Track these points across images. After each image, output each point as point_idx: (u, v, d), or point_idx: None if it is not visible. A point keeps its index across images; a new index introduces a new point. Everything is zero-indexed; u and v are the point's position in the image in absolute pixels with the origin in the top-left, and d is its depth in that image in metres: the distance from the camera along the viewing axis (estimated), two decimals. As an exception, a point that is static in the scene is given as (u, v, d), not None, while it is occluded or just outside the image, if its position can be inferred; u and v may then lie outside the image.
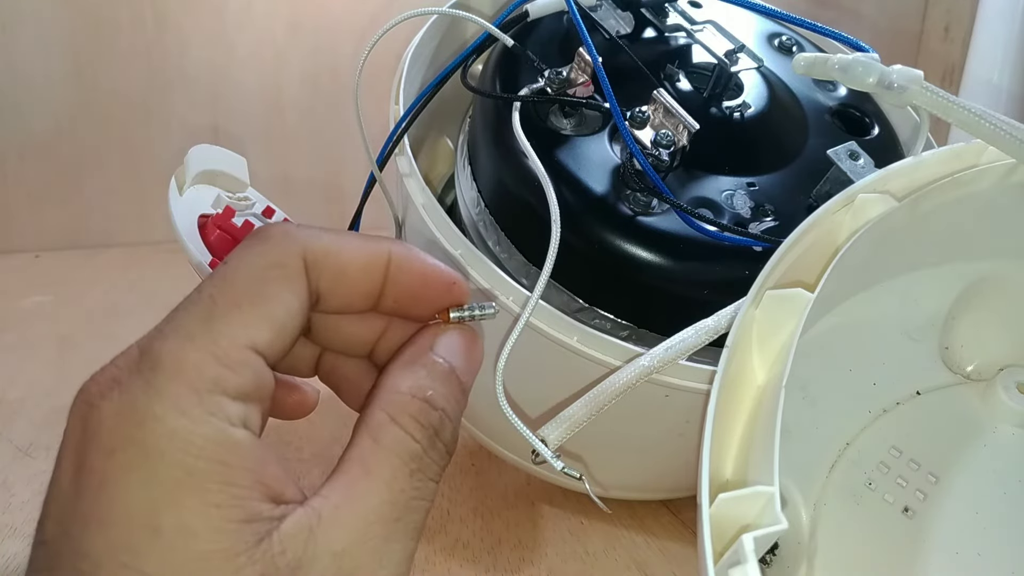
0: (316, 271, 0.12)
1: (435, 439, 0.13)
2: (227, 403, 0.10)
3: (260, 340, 0.11)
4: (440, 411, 0.13)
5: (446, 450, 0.13)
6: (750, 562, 0.15)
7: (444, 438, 0.13)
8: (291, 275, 0.12)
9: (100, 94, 0.46)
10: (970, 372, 0.24)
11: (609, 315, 0.24)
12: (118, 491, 0.09)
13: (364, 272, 0.13)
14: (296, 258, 0.12)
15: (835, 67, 0.22)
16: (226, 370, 0.10)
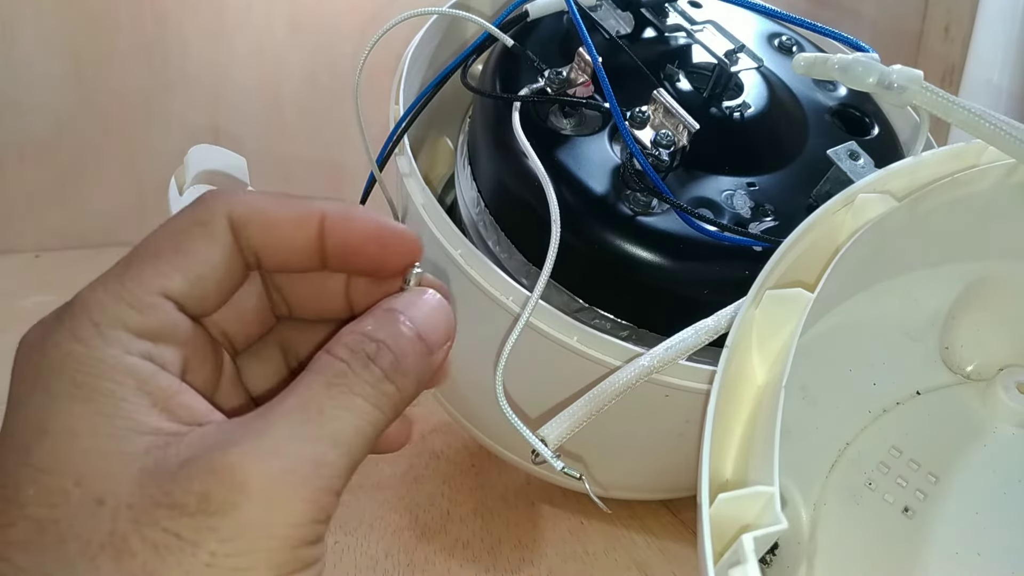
0: (243, 228, 0.13)
1: (368, 363, 0.13)
2: (128, 337, 0.12)
3: (172, 287, 0.12)
4: (378, 342, 0.13)
5: (385, 376, 0.13)
6: (750, 562, 0.15)
7: (383, 364, 0.13)
8: (213, 231, 0.13)
9: (100, 94, 0.46)
10: (970, 372, 0.24)
11: (609, 315, 0.24)
12: (20, 408, 0.11)
13: (295, 227, 0.13)
14: (219, 216, 0.13)
15: (835, 67, 0.22)
16: (131, 310, 0.12)
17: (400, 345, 0.13)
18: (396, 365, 0.13)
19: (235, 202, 0.13)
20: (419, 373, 0.13)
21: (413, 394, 0.13)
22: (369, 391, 0.12)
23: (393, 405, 0.13)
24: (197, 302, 0.13)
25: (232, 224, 0.13)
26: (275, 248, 0.13)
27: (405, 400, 0.13)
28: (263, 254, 0.13)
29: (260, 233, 0.13)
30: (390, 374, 0.13)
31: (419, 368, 0.13)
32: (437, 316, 0.14)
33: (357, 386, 0.12)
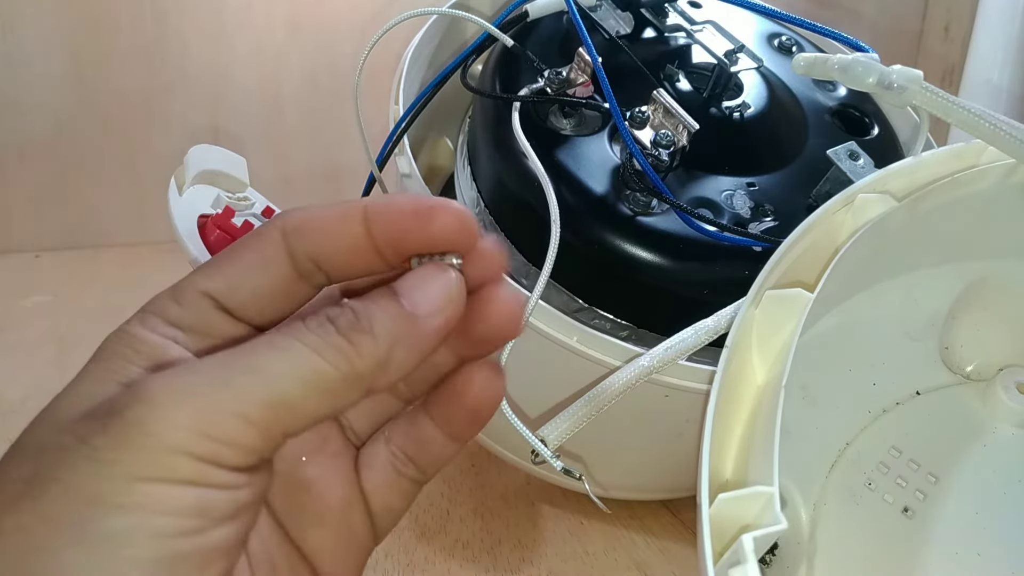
0: (297, 236, 0.13)
1: (324, 320, 0.12)
2: (160, 322, 0.13)
3: (212, 287, 0.13)
4: (350, 308, 0.13)
5: (337, 330, 0.12)
6: (750, 562, 0.15)
7: (339, 321, 0.13)
8: (263, 240, 0.14)
9: (100, 94, 0.46)
10: (970, 372, 0.24)
11: (609, 315, 0.24)
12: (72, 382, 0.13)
13: (340, 223, 0.13)
14: (273, 227, 0.14)
15: (835, 67, 0.22)
16: (172, 302, 0.13)
17: (367, 306, 0.13)
18: (354, 323, 0.13)
19: (289, 214, 0.14)
20: (392, 333, 0.13)
21: (383, 355, 0.13)
22: (312, 339, 0.12)
23: (346, 359, 0.12)
24: (237, 304, 0.13)
25: (285, 234, 0.13)
26: (329, 250, 0.13)
27: (369, 360, 0.13)
28: (321, 260, 0.13)
29: (313, 239, 0.13)
30: (345, 329, 0.13)
31: (392, 328, 0.13)
32: (428, 280, 0.13)
33: (302, 335, 0.12)
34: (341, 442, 0.16)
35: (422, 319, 0.13)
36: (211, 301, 0.13)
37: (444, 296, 0.13)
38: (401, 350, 0.13)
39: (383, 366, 0.13)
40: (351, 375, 0.12)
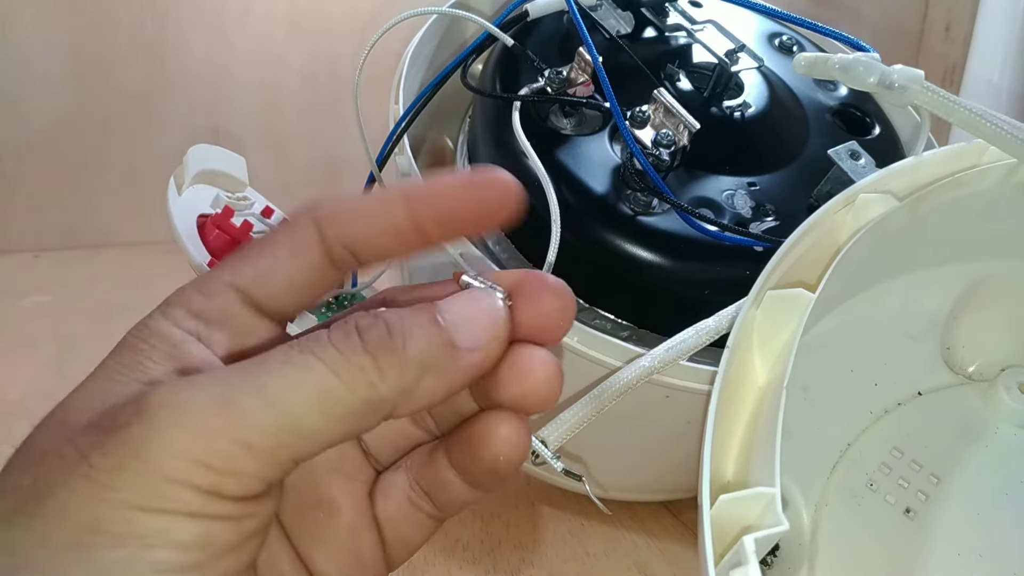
0: (331, 225, 0.13)
1: (351, 332, 0.11)
2: (182, 314, 0.12)
3: (239, 279, 0.13)
4: (378, 316, 0.12)
5: (363, 348, 0.11)
6: (751, 563, 0.15)
7: (368, 335, 0.11)
8: (294, 231, 0.13)
9: (99, 94, 0.46)
10: (971, 372, 0.24)
11: (609, 315, 0.24)
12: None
13: (381, 209, 0.13)
14: (303, 217, 0.13)
15: (836, 67, 0.22)
16: (197, 294, 0.13)
17: (403, 322, 0.12)
18: (385, 340, 0.11)
19: (322, 203, 0.13)
20: (425, 359, 0.12)
21: (410, 382, 0.11)
22: (332, 355, 0.11)
23: (368, 383, 0.11)
24: (267, 295, 0.13)
25: (318, 223, 0.13)
26: (367, 234, 0.13)
27: (394, 386, 0.11)
28: (357, 245, 0.13)
29: (349, 225, 0.13)
30: (371, 346, 0.11)
31: (426, 353, 0.12)
32: (477, 307, 0.12)
33: (321, 349, 0.11)
34: (359, 463, 0.15)
35: (462, 350, 0.12)
36: (237, 294, 0.13)
37: (491, 329, 0.12)
38: (431, 380, 0.12)
39: (407, 394, 0.12)
40: (372, 400, 0.11)
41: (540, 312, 0.13)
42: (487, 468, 0.13)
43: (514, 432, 0.13)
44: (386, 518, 0.15)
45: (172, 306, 0.13)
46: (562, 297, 0.13)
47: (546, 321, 0.13)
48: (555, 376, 0.13)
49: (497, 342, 0.12)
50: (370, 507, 0.15)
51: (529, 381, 0.13)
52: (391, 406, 0.12)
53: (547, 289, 0.13)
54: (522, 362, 0.13)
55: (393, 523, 0.15)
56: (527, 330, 0.13)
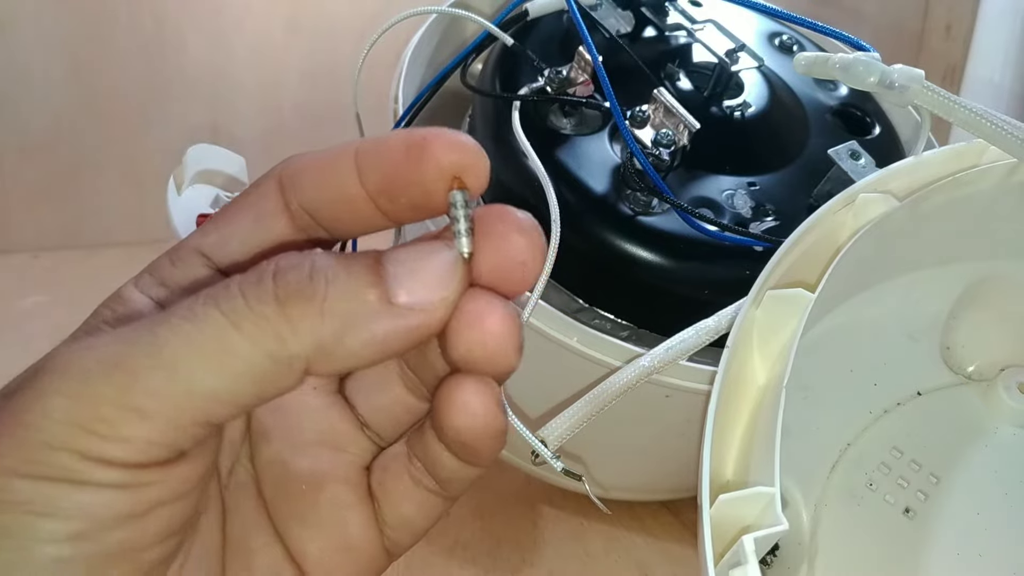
0: (292, 185, 0.12)
1: (264, 277, 0.10)
2: (151, 283, 0.12)
3: (204, 243, 0.12)
4: (311, 262, 0.10)
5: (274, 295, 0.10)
6: (751, 563, 0.15)
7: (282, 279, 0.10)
8: (258, 192, 0.12)
9: (98, 93, 0.46)
10: (971, 372, 0.24)
11: (609, 315, 0.24)
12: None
13: (332, 166, 0.11)
14: (269, 178, 0.12)
15: (836, 66, 0.22)
16: (167, 261, 0.12)
17: (332, 266, 0.10)
18: (302, 286, 0.10)
19: (290, 160, 0.12)
20: (350, 312, 0.10)
21: (327, 339, 0.10)
22: (236, 305, 0.10)
23: (275, 336, 0.10)
24: (229, 261, 0.12)
25: (282, 183, 0.12)
26: (322, 198, 0.11)
27: (307, 341, 0.10)
28: (315, 212, 0.11)
29: (308, 187, 0.11)
30: (284, 292, 0.10)
31: (352, 305, 0.10)
32: (423, 259, 0.10)
33: (225, 298, 0.10)
34: (351, 435, 0.13)
35: (399, 307, 0.10)
36: (202, 258, 0.12)
37: (438, 287, 0.10)
38: (357, 338, 0.10)
39: (326, 352, 0.10)
40: (280, 357, 0.10)
41: (500, 255, 0.11)
42: (457, 441, 0.12)
43: (474, 397, 0.11)
44: (384, 495, 0.13)
45: (145, 273, 0.12)
46: (527, 235, 0.11)
47: (507, 265, 0.11)
48: (510, 329, 0.11)
49: (444, 304, 0.10)
50: (364, 483, 0.13)
51: (477, 333, 0.11)
52: (304, 363, 0.10)
53: (509, 225, 0.11)
54: (472, 311, 0.11)
55: (392, 500, 0.13)
56: (486, 276, 0.11)
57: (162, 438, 0.10)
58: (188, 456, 0.10)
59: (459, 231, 0.11)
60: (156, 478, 0.10)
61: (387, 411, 0.13)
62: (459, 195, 0.11)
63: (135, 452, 0.10)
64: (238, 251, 0.12)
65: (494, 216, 0.11)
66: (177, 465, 0.10)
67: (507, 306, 0.11)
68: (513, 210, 0.11)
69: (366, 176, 0.11)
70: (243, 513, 0.13)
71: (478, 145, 0.11)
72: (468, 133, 0.19)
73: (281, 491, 0.13)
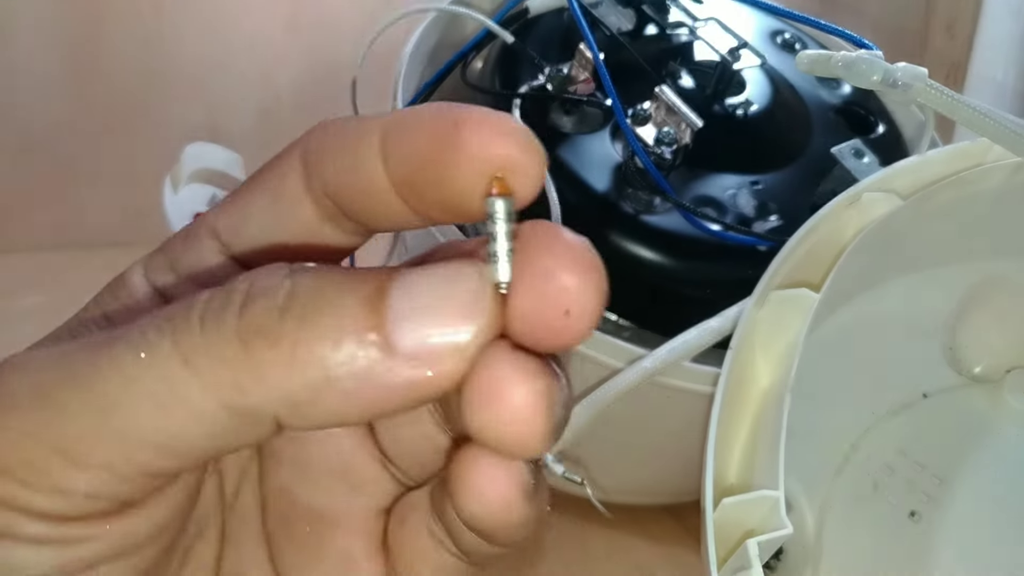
0: (316, 162, 0.09)
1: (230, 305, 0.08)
2: (160, 265, 0.11)
3: (220, 224, 0.10)
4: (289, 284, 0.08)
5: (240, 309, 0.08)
6: (754, 567, 0.15)
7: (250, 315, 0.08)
8: (282, 167, 0.10)
9: (96, 92, 0.46)
10: (977, 374, 0.24)
11: (610, 315, 0.24)
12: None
13: (356, 143, 0.09)
14: (292, 151, 0.10)
15: (839, 65, 0.21)
16: (179, 241, 0.11)
17: (317, 292, 0.08)
18: (271, 320, 0.07)
19: (313, 134, 0.10)
20: (328, 362, 0.07)
21: (301, 391, 0.08)
22: (191, 336, 0.08)
23: (231, 381, 0.08)
24: (244, 247, 0.10)
25: (304, 160, 0.09)
26: (344, 185, 0.09)
27: (274, 390, 0.08)
28: (337, 196, 0.09)
29: (329, 169, 0.09)
30: (247, 326, 0.07)
31: (333, 354, 0.07)
32: (440, 291, 0.08)
33: (182, 325, 0.08)
34: (370, 471, 0.11)
35: (400, 358, 0.07)
36: (216, 241, 0.10)
37: (455, 333, 0.08)
38: (336, 397, 0.08)
39: (297, 409, 0.08)
40: (239, 409, 0.08)
41: (538, 298, 0.08)
42: (472, 526, 0.09)
43: (490, 485, 0.09)
44: (400, 550, 0.11)
45: (158, 253, 0.10)
46: (580, 273, 0.08)
47: (546, 314, 0.08)
48: (538, 410, 0.08)
49: (463, 356, 0.08)
50: (379, 531, 0.11)
51: (493, 412, 0.08)
52: (272, 418, 0.08)
53: (558, 257, 0.08)
54: (488, 380, 0.08)
55: (407, 559, 0.11)
56: (516, 323, 0.08)
57: (99, 491, 0.08)
58: (140, 506, 0.08)
59: (495, 253, 0.08)
60: (95, 532, 0.08)
61: (413, 447, 0.11)
62: (500, 204, 0.08)
63: (67, 506, 0.08)
64: (255, 236, 0.10)
65: (538, 241, 0.08)
66: (123, 517, 0.08)
67: (539, 374, 0.08)
68: (564, 233, 0.08)
69: (391, 164, 0.09)
70: (242, 544, 0.11)
71: (530, 133, 0.08)
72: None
73: (285, 528, 0.11)
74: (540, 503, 0.09)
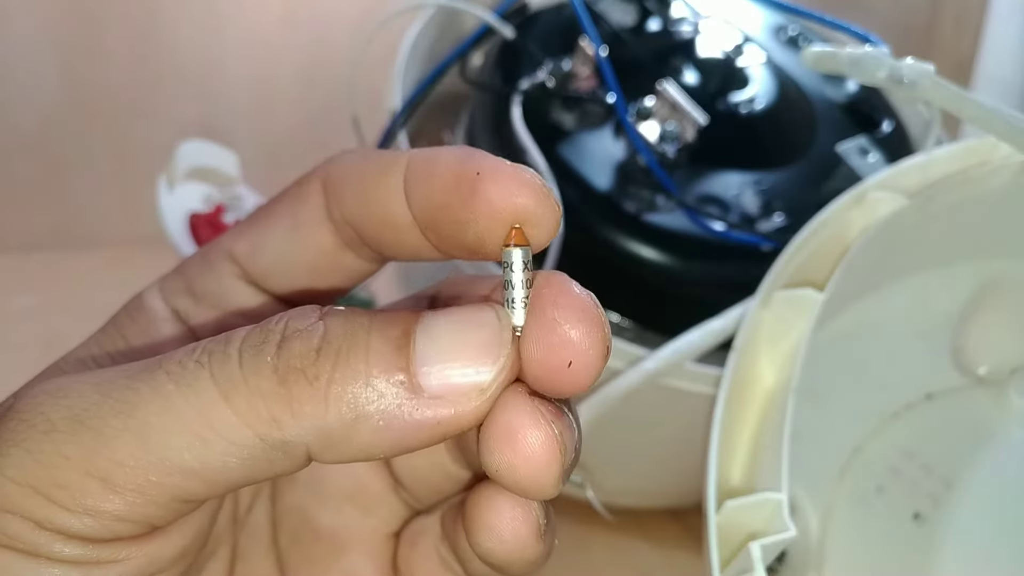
0: (336, 191, 0.10)
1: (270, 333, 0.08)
2: (176, 288, 0.11)
3: (236, 249, 0.11)
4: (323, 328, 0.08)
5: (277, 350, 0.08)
6: (757, 570, 0.15)
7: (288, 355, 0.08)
8: (299, 194, 0.10)
9: (87, 88, 0.45)
10: (982, 375, 0.23)
11: (613, 315, 0.23)
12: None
13: (378, 178, 0.09)
14: (313, 179, 0.10)
15: (845, 61, 0.21)
16: (197, 263, 0.11)
17: (350, 334, 0.08)
18: (307, 360, 0.08)
19: (334, 162, 0.10)
20: (361, 403, 0.08)
21: (335, 426, 0.08)
22: (230, 371, 0.08)
23: (267, 415, 0.08)
24: (260, 271, 0.10)
25: (326, 187, 0.10)
26: (366, 215, 0.10)
27: (308, 426, 0.08)
28: (359, 225, 0.10)
29: (351, 199, 0.10)
30: (286, 365, 0.08)
31: (365, 395, 0.08)
32: (465, 335, 0.08)
33: (220, 361, 0.08)
34: (381, 495, 0.11)
35: (426, 399, 0.08)
36: (234, 265, 0.11)
37: (478, 374, 0.08)
38: (367, 432, 0.08)
39: (330, 441, 0.08)
40: (274, 442, 0.08)
41: (543, 349, 0.08)
42: (485, 560, 0.10)
43: (506, 524, 0.09)
44: (409, 573, 0.11)
45: (174, 275, 0.11)
46: (585, 327, 0.08)
47: (551, 363, 0.08)
48: (549, 455, 0.08)
49: (482, 396, 0.08)
50: (389, 555, 0.11)
51: (507, 455, 0.08)
52: (304, 450, 0.08)
53: (565, 310, 0.08)
54: (502, 425, 0.08)
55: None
56: (527, 367, 0.09)
57: (131, 514, 0.08)
58: (165, 531, 0.09)
59: (511, 300, 0.08)
60: (123, 555, 0.09)
61: (425, 473, 0.11)
62: (517, 254, 0.08)
63: (98, 528, 0.08)
64: (273, 262, 0.10)
65: (547, 293, 0.08)
66: (150, 541, 0.09)
67: (554, 418, 0.08)
68: (572, 288, 0.08)
69: (414, 201, 0.09)
70: (253, 561, 0.11)
71: (546, 186, 0.09)
72: (468, 128, 0.18)
73: (296, 547, 0.11)
74: (551, 539, 0.10)
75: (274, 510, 0.12)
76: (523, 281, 0.09)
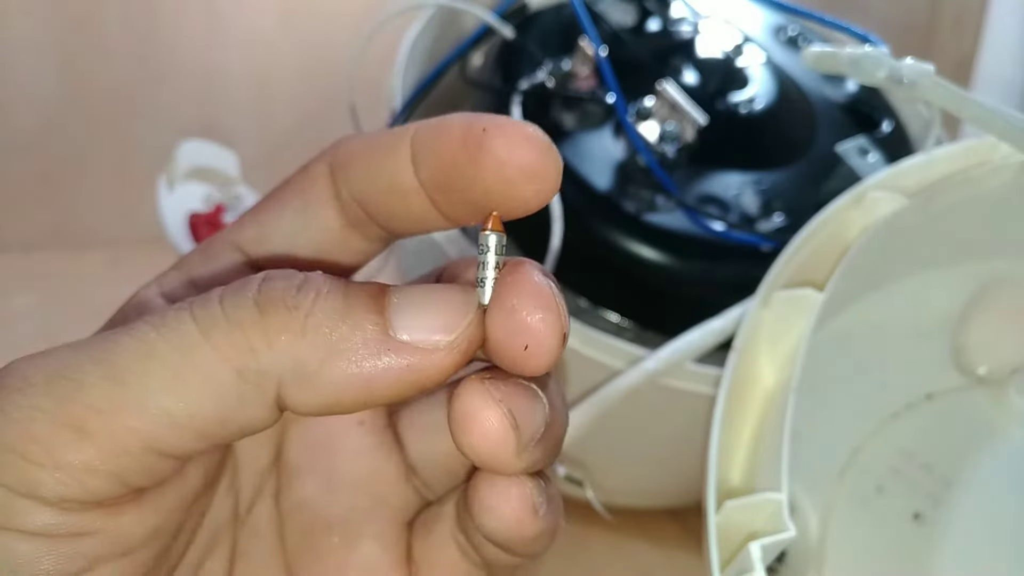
0: (343, 171, 0.10)
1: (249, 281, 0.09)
2: (178, 282, 0.11)
3: (241, 237, 0.11)
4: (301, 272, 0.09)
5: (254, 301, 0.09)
6: (757, 571, 0.15)
7: (268, 290, 0.09)
8: (305, 178, 0.10)
9: (87, 88, 0.45)
10: (982, 374, 0.23)
11: (612, 315, 0.23)
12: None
13: (386, 154, 0.09)
14: (319, 163, 0.10)
15: (845, 61, 0.21)
16: (199, 256, 0.11)
17: (328, 281, 0.09)
18: (286, 294, 0.08)
19: (343, 142, 0.10)
20: (339, 335, 0.08)
21: (309, 358, 0.08)
22: (210, 312, 0.08)
23: (245, 344, 0.08)
24: (269, 257, 0.10)
25: (332, 168, 0.10)
26: (373, 189, 0.10)
27: (283, 354, 0.08)
28: (366, 201, 0.10)
29: (358, 174, 0.10)
30: (265, 298, 0.08)
31: (342, 327, 0.08)
32: (433, 294, 0.09)
33: (202, 305, 0.08)
34: (396, 484, 0.11)
35: (395, 341, 0.08)
36: (240, 254, 0.11)
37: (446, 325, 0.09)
38: (337, 368, 0.08)
39: (303, 376, 0.08)
40: (248, 372, 0.08)
41: (503, 333, 0.09)
42: (489, 539, 0.10)
43: (503, 502, 0.09)
44: (426, 562, 0.11)
45: (174, 270, 0.11)
46: (542, 314, 0.09)
47: (509, 346, 0.09)
48: (503, 436, 0.09)
49: (449, 348, 0.09)
50: (404, 544, 0.11)
51: (467, 438, 0.09)
52: (275, 386, 0.08)
53: (524, 298, 0.09)
54: (458, 412, 0.09)
55: (432, 569, 0.11)
56: (489, 346, 0.09)
57: (104, 463, 0.08)
58: (142, 499, 0.09)
59: (482, 279, 0.09)
60: (94, 526, 0.08)
61: (440, 459, 0.12)
62: (491, 238, 0.09)
63: (71, 483, 0.08)
64: (279, 244, 0.10)
65: (510, 279, 0.09)
66: (121, 512, 0.09)
67: (506, 398, 0.09)
68: (534, 276, 0.09)
69: (420, 166, 0.09)
70: (255, 560, 0.11)
71: (549, 142, 0.09)
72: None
73: (306, 542, 0.11)
74: (553, 517, 0.10)
75: (280, 507, 0.11)
76: (495, 264, 0.09)
